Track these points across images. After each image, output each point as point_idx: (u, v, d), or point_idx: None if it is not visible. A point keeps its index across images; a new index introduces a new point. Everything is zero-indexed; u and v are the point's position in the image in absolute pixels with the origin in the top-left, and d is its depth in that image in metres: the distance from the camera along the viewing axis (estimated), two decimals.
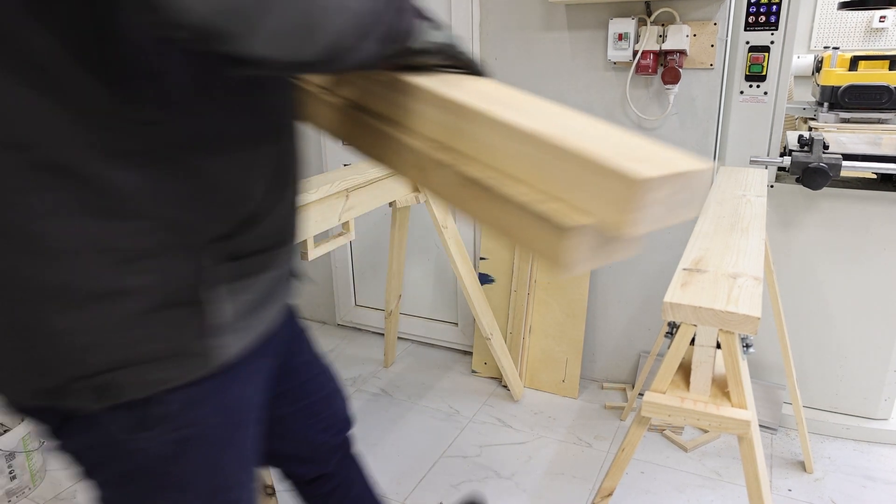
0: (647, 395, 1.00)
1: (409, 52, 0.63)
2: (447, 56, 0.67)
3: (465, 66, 0.70)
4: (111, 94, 0.55)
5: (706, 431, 1.96)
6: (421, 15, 0.63)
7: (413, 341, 2.66)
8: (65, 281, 0.58)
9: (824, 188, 1.69)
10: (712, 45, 1.79)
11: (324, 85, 0.78)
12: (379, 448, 1.96)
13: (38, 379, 0.63)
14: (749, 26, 1.74)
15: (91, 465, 0.71)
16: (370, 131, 0.71)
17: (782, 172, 1.83)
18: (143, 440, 0.68)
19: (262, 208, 0.70)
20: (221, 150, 0.63)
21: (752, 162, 1.79)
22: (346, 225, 1.82)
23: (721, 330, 0.91)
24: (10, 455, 1.72)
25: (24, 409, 0.69)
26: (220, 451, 0.74)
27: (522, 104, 0.60)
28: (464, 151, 0.60)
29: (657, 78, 1.87)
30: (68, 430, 0.68)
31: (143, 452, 0.68)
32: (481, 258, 2.29)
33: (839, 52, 2.13)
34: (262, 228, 0.70)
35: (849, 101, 2.07)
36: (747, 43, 1.75)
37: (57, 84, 0.53)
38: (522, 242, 0.56)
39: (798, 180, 1.70)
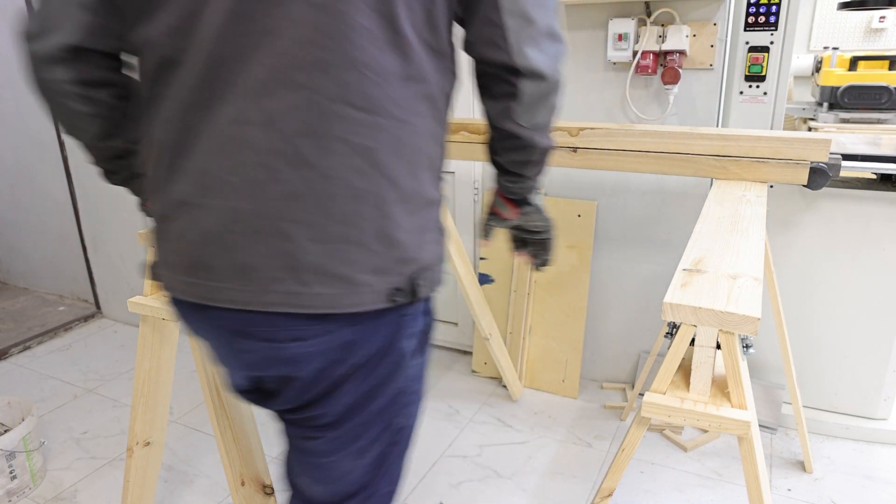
0: (647, 396, 1.00)
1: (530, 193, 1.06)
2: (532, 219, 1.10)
3: (541, 231, 1.12)
4: (450, 69, 0.86)
5: (706, 431, 1.96)
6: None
7: None
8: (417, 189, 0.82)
9: (824, 188, 1.69)
10: (712, 46, 1.79)
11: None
12: None
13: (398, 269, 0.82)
14: (749, 26, 1.74)
15: (422, 340, 0.93)
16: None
17: None
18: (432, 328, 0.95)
19: None
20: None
21: None
22: None
23: (721, 330, 0.91)
24: (11, 455, 1.72)
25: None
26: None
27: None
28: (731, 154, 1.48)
29: (657, 78, 1.87)
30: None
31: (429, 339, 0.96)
32: (481, 258, 2.29)
33: (839, 53, 2.13)
34: None
35: (848, 101, 2.07)
36: (747, 43, 1.75)
37: (442, 62, 0.84)
38: (770, 178, 1.47)
39: None
